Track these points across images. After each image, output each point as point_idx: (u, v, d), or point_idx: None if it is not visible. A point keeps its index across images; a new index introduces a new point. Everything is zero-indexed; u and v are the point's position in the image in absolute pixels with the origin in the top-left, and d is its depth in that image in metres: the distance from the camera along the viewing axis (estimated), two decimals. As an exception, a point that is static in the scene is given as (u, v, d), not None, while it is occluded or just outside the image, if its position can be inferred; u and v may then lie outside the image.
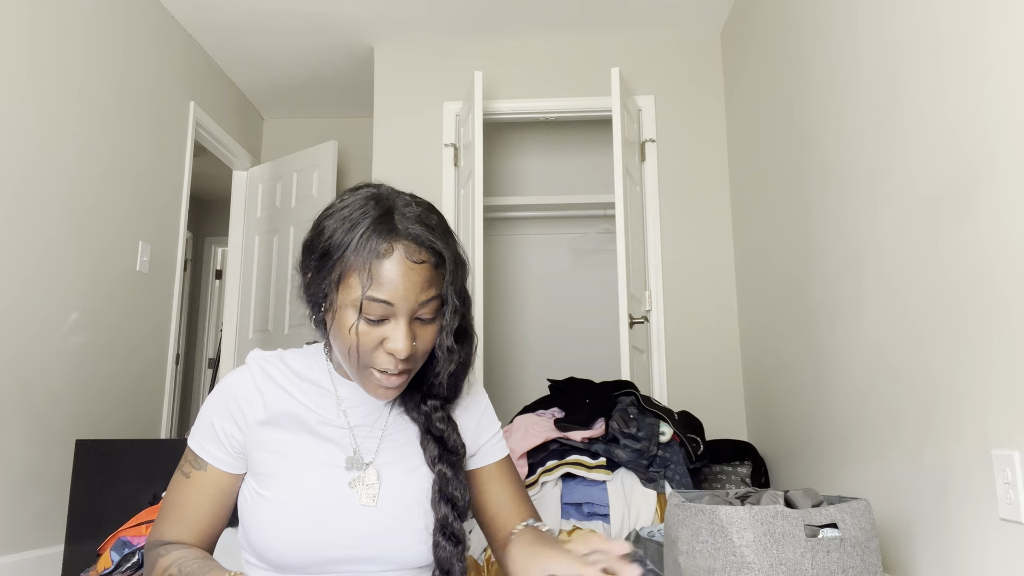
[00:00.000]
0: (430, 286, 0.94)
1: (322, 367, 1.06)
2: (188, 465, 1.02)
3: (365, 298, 0.91)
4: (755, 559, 1.42)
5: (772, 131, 2.90)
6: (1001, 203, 1.44)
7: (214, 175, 5.28)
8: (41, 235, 2.60)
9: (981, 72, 1.51)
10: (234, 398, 1.01)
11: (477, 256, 3.25)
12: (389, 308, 0.92)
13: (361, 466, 1.00)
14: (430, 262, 0.94)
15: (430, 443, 1.03)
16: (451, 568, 0.98)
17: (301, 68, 4.18)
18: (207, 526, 1.02)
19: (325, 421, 1.02)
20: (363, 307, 0.92)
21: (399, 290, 0.91)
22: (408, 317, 0.93)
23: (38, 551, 2.54)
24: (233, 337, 4.37)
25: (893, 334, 1.89)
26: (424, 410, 1.04)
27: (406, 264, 0.92)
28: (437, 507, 0.99)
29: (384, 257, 0.91)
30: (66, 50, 2.76)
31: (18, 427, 2.48)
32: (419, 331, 0.95)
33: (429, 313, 0.95)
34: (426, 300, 0.93)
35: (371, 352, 0.94)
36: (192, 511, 1.00)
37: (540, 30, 3.73)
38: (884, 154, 1.93)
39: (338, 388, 1.04)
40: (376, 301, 0.91)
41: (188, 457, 1.03)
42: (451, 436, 1.04)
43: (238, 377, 1.04)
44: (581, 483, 2.29)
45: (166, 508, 1.02)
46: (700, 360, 3.45)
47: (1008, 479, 1.40)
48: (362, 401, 1.04)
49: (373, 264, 0.91)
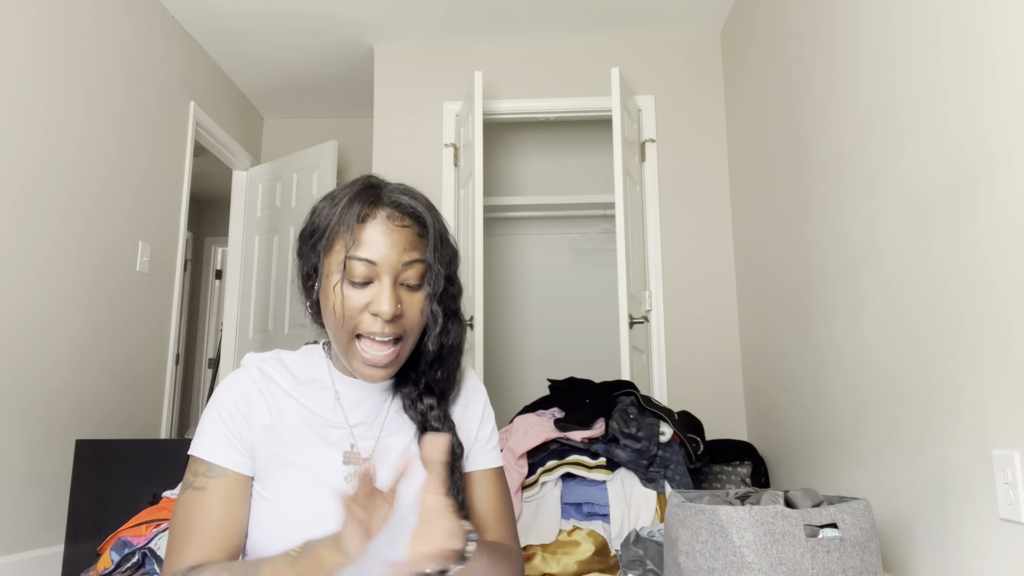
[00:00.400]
0: (413, 248, 0.95)
1: (321, 364, 1.05)
2: (202, 478, 0.95)
3: (348, 258, 0.93)
4: (755, 559, 1.42)
5: (772, 131, 2.90)
6: (1000, 204, 1.44)
7: (214, 175, 5.28)
8: (41, 235, 2.60)
9: (981, 72, 1.51)
10: (241, 398, 1.00)
11: (477, 256, 3.25)
12: (372, 267, 0.93)
13: (358, 461, 1.00)
14: (413, 228, 0.96)
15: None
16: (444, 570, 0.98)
17: (301, 68, 4.18)
18: (235, 537, 0.95)
19: (326, 423, 1.01)
20: (346, 267, 0.93)
21: (381, 248, 0.93)
22: (392, 278, 0.94)
23: (38, 551, 2.54)
24: (233, 337, 4.37)
25: (893, 334, 1.89)
26: (420, 408, 1.04)
27: (387, 225, 0.94)
28: None
29: (366, 220, 0.94)
30: (66, 50, 2.76)
31: (18, 427, 2.48)
32: (405, 297, 0.95)
33: (414, 278, 0.96)
34: (409, 261, 0.94)
35: (357, 316, 0.94)
36: (218, 525, 0.93)
37: (540, 30, 3.73)
38: (884, 154, 1.94)
39: (337, 385, 1.03)
40: (359, 260, 0.93)
41: (199, 470, 0.96)
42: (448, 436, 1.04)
43: (239, 379, 1.02)
44: (581, 483, 2.30)
45: (183, 532, 0.93)
46: (700, 360, 3.45)
47: (1008, 479, 1.40)
48: (362, 399, 1.04)
49: (356, 227, 0.94)
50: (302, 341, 3.52)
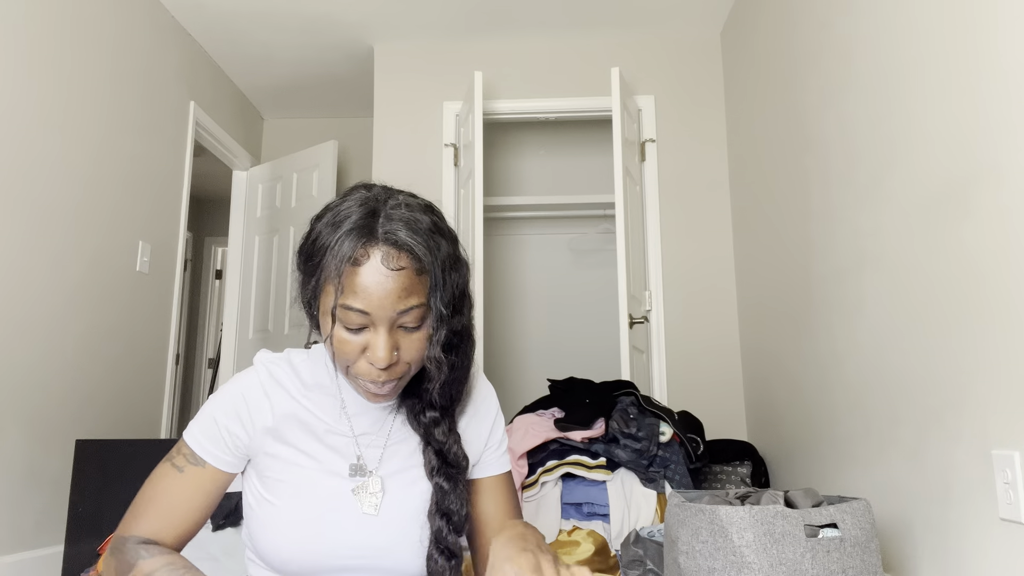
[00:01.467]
0: (410, 294, 0.88)
1: (327, 370, 1.03)
2: (183, 459, 0.97)
3: (339, 306, 0.87)
4: (755, 559, 1.42)
5: (772, 131, 2.90)
6: (1001, 203, 1.44)
7: (214, 175, 5.28)
8: (41, 235, 2.60)
9: (982, 72, 1.51)
10: (243, 401, 0.99)
11: (477, 256, 3.25)
12: (365, 317, 0.87)
13: (364, 474, 0.99)
14: (411, 268, 0.87)
15: (429, 454, 1.00)
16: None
17: (301, 68, 4.18)
18: (192, 524, 0.98)
19: (331, 430, 1.01)
20: (338, 315, 0.88)
21: (373, 298, 0.86)
22: (388, 326, 0.88)
23: (38, 551, 2.54)
24: (233, 337, 4.37)
25: (893, 334, 1.89)
26: (424, 421, 1.01)
27: (381, 272, 0.86)
28: (432, 519, 0.97)
29: (358, 264, 0.86)
30: (66, 50, 2.76)
31: (18, 427, 2.48)
32: (403, 339, 0.90)
33: (412, 321, 0.89)
34: (406, 309, 0.88)
35: (354, 361, 0.90)
36: (181, 507, 0.96)
37: (540, 30, 3.73)
38: (885, 154, 1.93)
39: (343, 392, 1.02)
40: (351, 310, 0.87)
41: (183, 451, 0.98)
42: (452, 448, 1.00)
43: (247, 380, 1.01)
44: (581, 483, 2.30)
45: (147, 501, 0.97)
46: (700, 360, 3.45)
47: (1008, 479, 1.40)
48: (366, 408, 1.02)
49: (346, 271, 0.86)
50: (302, 341, 3.52)
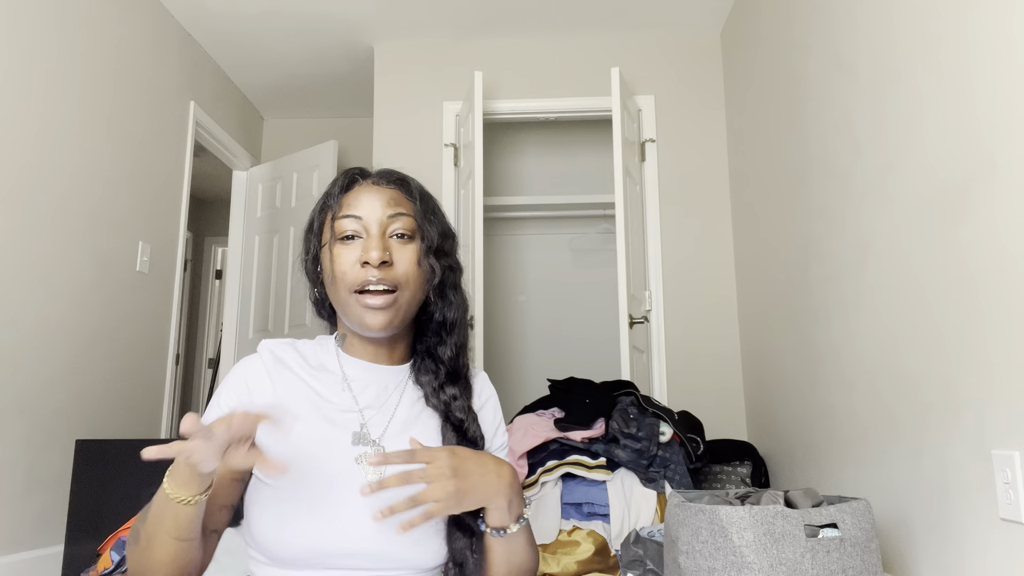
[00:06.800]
0: (399, 204, 1.01)
1: (331, 352, 1.05)
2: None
3: (336, 219, 1.00)
4: (755, 559, 1.42)
5: (772, 131, 2.90)
6: (1000, 203, 1.44)
7: (214, 175, 5.28)
8: (41, 235, 2.60)
9: (980, 72, 1.51)
10: (244, 383, 1.00)
11: (477, 256, 3.25)
12: (358, 222, 0.99)
13: (367, 442, 0.99)
14: (399, 190, 1.03)
15: (449, 432, 1.03)
16: (464, 560, 0.96)
17: (301, 68, 4.18)
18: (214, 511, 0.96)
19: (335, 406, 1.01)
20: (336, 228, 0.99)
21: (364, 203, 1.00)
22: (379, 229, 0.99)
23: (38, 551, 2.54)
24: (233, 337, 4.37)
25: (893, 334, 1.89)
26: (444, 398, 1.04)
27: (372, 188, 1.02)
28: None
29: (350, 189, 1.02)
30: (66, 50, 2.76)
31: (18, 427, 2.48)
32: (396, 248, 0.99)
33: (402, 228, 1.00)
34: (395, 214, 1.00)
35: (350, 270, 0.97)
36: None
37: (540, 30, 3.73)
38: (884, 154, 1.94)
39: (345, 368, 1.04)
40: (346, 217, 0.99)
41: None
42: (471, 426, 1.04)
43: (248, 363, 1.03)
44: (581, 483, 2.30)
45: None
46: (700, 360, 3.45)
47: (1008, 479, 1.40)
48: (369, 381, 1.04)
49: (341, 199, 1.02)
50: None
